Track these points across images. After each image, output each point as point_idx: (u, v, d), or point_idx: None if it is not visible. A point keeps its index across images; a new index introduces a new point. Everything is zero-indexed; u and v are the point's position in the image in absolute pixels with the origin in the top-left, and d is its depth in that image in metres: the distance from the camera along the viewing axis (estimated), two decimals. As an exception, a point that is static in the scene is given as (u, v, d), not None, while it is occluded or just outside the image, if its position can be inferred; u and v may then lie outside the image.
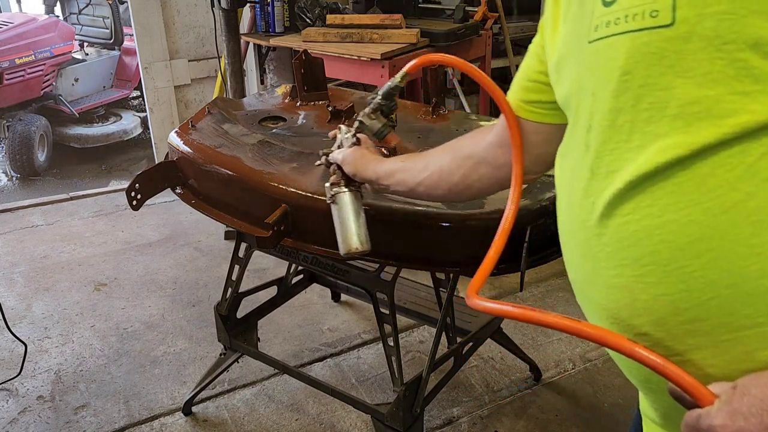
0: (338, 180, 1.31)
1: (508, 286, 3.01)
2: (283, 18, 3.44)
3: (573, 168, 0.79)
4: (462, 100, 3.84)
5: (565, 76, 0.82)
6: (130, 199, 1.81)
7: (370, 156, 1.28)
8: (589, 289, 0.80)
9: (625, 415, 2.28)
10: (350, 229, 1.28)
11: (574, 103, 0.79)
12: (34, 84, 5.40)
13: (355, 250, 1.28)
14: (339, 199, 1.30)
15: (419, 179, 1.15)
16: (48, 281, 3.12)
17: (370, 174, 1.24)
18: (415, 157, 1.21)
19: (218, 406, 2.33)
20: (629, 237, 0.70)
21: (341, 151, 1.31)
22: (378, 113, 1.30)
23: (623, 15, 0.68)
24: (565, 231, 0.84)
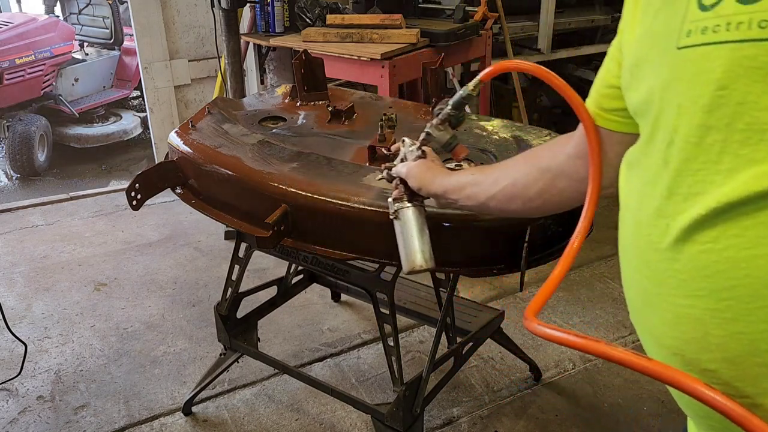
0: (401, 195, 1.27)
1: (508, 286, 3.01)
2: (283, 18, 3.44)
3: (645, 183, 0.73)
4: (462, 100, 3.84)
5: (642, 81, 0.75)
6: (130, 199, 1.81)
7: (436, 169, 1.23)
8: (650, 313, 0.74)
9: (625, 415, 2.28)
10: (414, 246, 1.24)
11: (652, 113, 0.72)
12: (34, 84, 5.40)
13: (419, 267, 1.23)
14: (402, 215, 1.26)
15: (491, 193, 1.08)
16: (48, 281, 3.12)
17: (437, 188, 1.19)
18: (485, 170, 1.15)
19: (218, 406, 2.33)
20: (708, 267, 0.64)
21: (405, 165, 1.27)
22: (446, 124, 1.26)
23: (724, 22, 0.62)
24: (628, 248, 0.77)
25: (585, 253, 3.27)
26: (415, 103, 2.28)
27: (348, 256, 1.61)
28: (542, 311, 2.77)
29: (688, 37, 0.66)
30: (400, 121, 1.98)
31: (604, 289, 3.04)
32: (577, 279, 3.10)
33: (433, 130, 1.27)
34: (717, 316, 0.64)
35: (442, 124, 1.26)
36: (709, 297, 0.65)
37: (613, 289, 3.02)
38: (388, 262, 1.61)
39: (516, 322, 2.79)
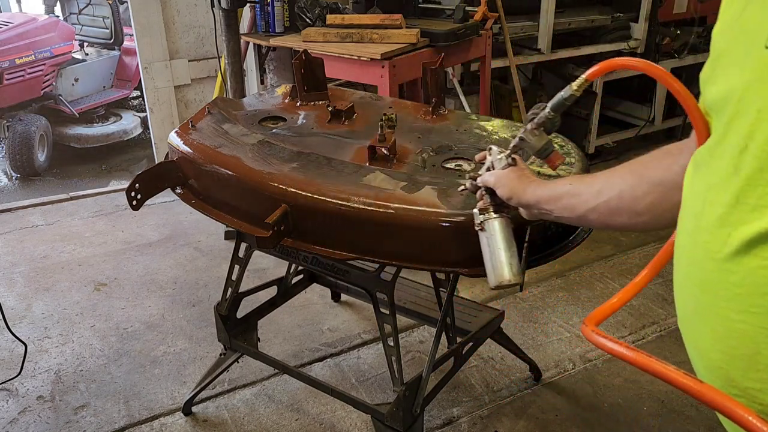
0: (487, 205, 1.23)
1: (508, 286, 3.01)
2: (283, 18, 3.44)
3: (710, 187, 0.69)
4: (462, 100, 3.84)
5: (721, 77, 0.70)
6: (130, 199, 1.81)
7: (528, 178, 1.17)
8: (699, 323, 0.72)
9: (625, 415, 2.28)
10: (502, 260, 1.20)
11: (727, 113, 0.68)
12: (34, 84, 5.40)
13: (507, 282, 1.19)
14: (489, 227, 1.22)
15: (592, 205, 1.01)
16: (48, 281, 3.12)
17: (530, 198, 1.14)
18: (585, 180, 1.07)
19: (218, 406, 2.33)
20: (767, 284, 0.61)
21: (493, 173, 1.22)
22: (541, 130, 1.20)
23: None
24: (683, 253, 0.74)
25: (585, 253, 3.27)
26: (415, 103, 2.28)
27: (348, 256, 1.61)
28: (541, 311, 2.76)
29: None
30: (400, 121, 1.98)
31: (604, 289, 3.04)
32: (577, 279, 3.10)
33: (527, 135, 1.20)
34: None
35: (538, 129, 1.20)
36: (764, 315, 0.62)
37: (613, 289, 3.02)
38: (389, 262, 1.61)
39: (516, 322, 2.79)
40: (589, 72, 1.02)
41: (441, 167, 1.72)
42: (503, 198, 1.20)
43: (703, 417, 2.23)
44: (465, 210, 1.48)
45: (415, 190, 1.56)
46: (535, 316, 2.84)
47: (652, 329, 2.71)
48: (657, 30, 4.39)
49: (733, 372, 0.66)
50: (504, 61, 3.87)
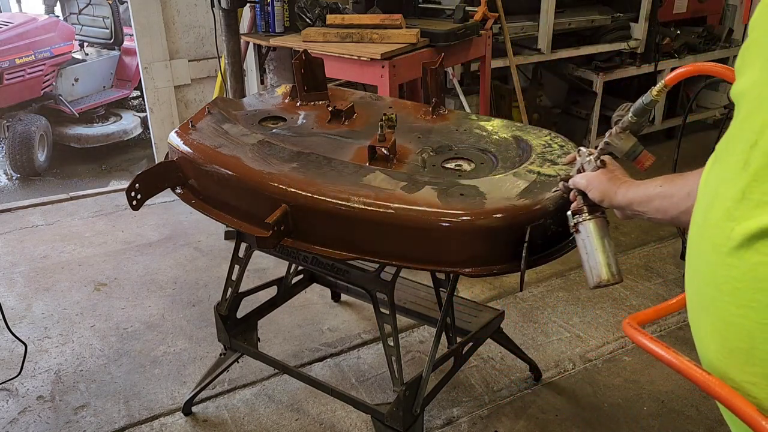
0: (580, 207, 1.24)
1: (508, 286, 3.01)
2: (283, 18, 3.44)
3: (722, 181, 0.69)
4: (462, 100, 3.84)
5: (746, 69, 0.69)
6: (130, 199, 1.81)
7: (619, 179, 1.18)
8: (701, 315, 0.73)
9: (625, 415, 2.28)
10: (599, 260, 1.22)
11: (744, 108, 0.68)
12: (34, 84, 5.40)
13: (606, 282, 1.21)
14: (584, 228, 1.23)
15: (684, 207, 0.99)
16: (48, 281, 3.12)
17: (621, 199, 1.15)
18: (676, 181, 1.06)
19: (218, 406, 2.33)
20: (765, 280, 0.62)
21: (584, 176, 1.24)
22: (627, 132, 1.23)
23: None
24: (693, 246, 0.75)
25: (585, 253, 3.27)
26: (415, 103, 2.28)
27: (348, 256, 1.61)
28: (541, 311, 2.76)
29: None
30: (400, 121, 1.98)
31: (604, 289, 3.03)
32: (577, 279, 3.10)
33: (612, 139, 1.23)
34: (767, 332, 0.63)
35: (623, 132, 1.22)
36: (762, 311, 0.63)
37: (613, 290, 3.02)
38: (389, 262, 1.61)
39: (516, 322, 2.79)
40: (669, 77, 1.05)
41: (441, 167, 1.72)
42: (594, 200, 1.22)
43: (703, 417, 2.23)
44: (465, 210, 1.48)
45: (415, 190, 1.56)
46: (535, 316, 2.84)
47: (652, 329, 2.71)
48: (657, 30, 4.39)
49: (730, 366, 0.67)
50: (504, 61, 3.87)
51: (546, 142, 1.80)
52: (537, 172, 1.62)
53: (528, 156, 1.72)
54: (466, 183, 1.58)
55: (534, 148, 1.76)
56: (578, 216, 1.24)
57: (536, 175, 1.61)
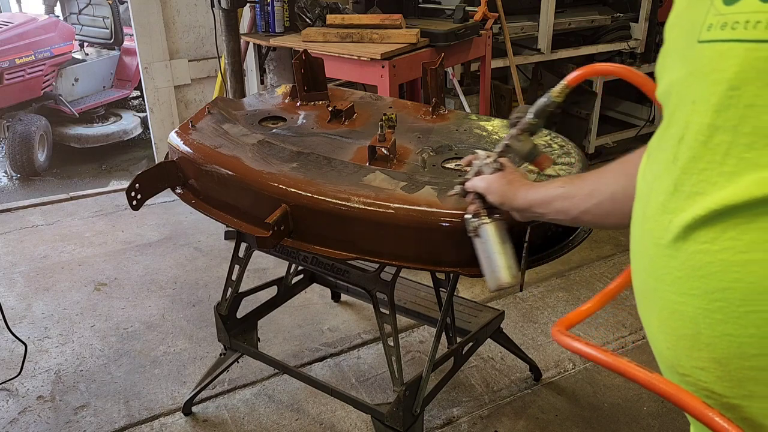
0: (479, 210, 1.23)
1: (508, 286, 3.01)
2: (283, 18, 3.44)
3: (655, 176, 0.72)
4: (462, 100, 3.84)
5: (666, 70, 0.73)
6: (130, 199, 1.81)
7: (518, 182, 1.18)
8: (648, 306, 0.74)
9: (625, 415, 2.28)
10: (498, 263, 1.21)
11: (670, 105, 0.71)
12: (34, 84, 5.40)
13: (506, 285, 1.20)
14: (483, 232, 1.22)
15: (584, 207, 1.02)
16: (48, 281, 3.12)
17: (521, 202, 1.15)
18: (576, 182, 1.08)
19: (218, 406, 2.33)
20: (702, 267, 0.64)
21: (483, 179, 1.23)
22: (526, 134, 1.22)
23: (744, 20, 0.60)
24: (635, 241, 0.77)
25: (585, 253, 3.27)
26: (415, 103, 2.28)
27: (348, 256, 1.61)
28: (541, 311, 2.76)
29: (709, 32, 0.64)
30: (400, 121, 1.98)
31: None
32: (577, 279, 3.10)
33: (512, 141, 1.22)
34: (708, 317, 0.64)
35: (522, 134, 1.21)
36: (702, 297, 0.65)
37: (613, 289, 3.01)
38: (389, 262, 1.61)
39: (516, 322, 2.79)
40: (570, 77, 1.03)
41: (441, 167, 1.72)
42: (494, 203, 1.21)
43: (703, 417, 2.23)
44: (465, 210, 1.48)
45: (415, 190, 1.56)
46: (535, 316, 2.84)
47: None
48: (657, 30, 4.39)
49: (679, 352, 0.69)
50: (504, 61, 3.87)
51: (546, 142, 1.80)
52: (537, 172, 1.62)
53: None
54: (466, 183, 1.58)
55: (534, 148, 1.76)
56: (477, 219, 1.23)
57: (536, 175, 1.61)
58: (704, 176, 0.64)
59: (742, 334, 0.62)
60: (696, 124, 0.65)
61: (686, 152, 0.66)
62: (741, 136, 0.61)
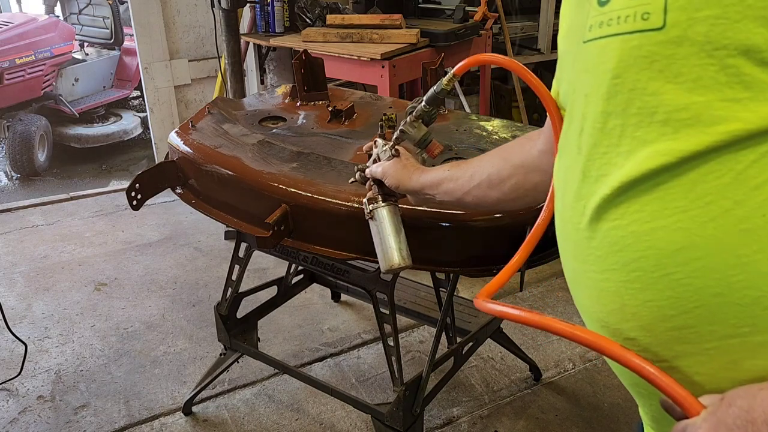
0: (375, 195, 1.28)
1: (508, 285, 3.01)
2: (283, 18, 3.44)
3: (567, 168, 0.78)
4: (462, 100, 3.85)
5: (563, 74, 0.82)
6: (130, 199, 1.81)
7: (412, 166, 1.26)
8: (579, 290, 0.80)
9: (625, 415, 2.28)
10: (391, 245, 1.26)
11: (569, 104, 0.79)
12: (34, 84, 5.40)
13: (397, 266, 1.25)
14: (378, 215, 1.28)
15: (467, 188, 1.12)
16: (48, 281, 3.12)
17: (414, 184, 1.22)
18: (461, 166, 1.17)
19: (218, 406, 2.33)
20: (617, 242, 0.69)
21: (380, 165, 1.29)
22: (420, 121, 1.27)
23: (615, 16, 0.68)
24: (559, 231, 0.83)
25: (585, 253, 3.27)
26: (415, 103, 2.28)
27: (348, 256, 1.61)
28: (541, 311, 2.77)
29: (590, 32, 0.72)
30: (400, 120, 1.97)
31: (604, 289, 3.04)
32: (577, 279, 3.10)
33: (407, 127, 1.27)
34: (629, 287, 0.69)
35: (416, 121, 1.27)
36: (621, 270, 0.70)
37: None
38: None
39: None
40: (457, 67, 1.10)
41: (441, 167, 1.72)
42: (391, 187, 1.27)
43: (703, 417, 2.23)
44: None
45: (415, 190, 1.56)
46: (535, 316, 2.84)
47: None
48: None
49: (613, 326, 0.73)
50: (504, 61, 3.86)
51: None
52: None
53: None
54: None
55: (534, 148, 1.76)
56: (373, 203, 1.28)
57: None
58: (606, 159, 0.70)
59: (660, 298, 0.67)
60: (591, 113, 0.72)
61: (587, 140, 0.72)
62: (630, 117, 0.67)
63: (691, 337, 0.66)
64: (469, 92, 3.95)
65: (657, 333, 0.69)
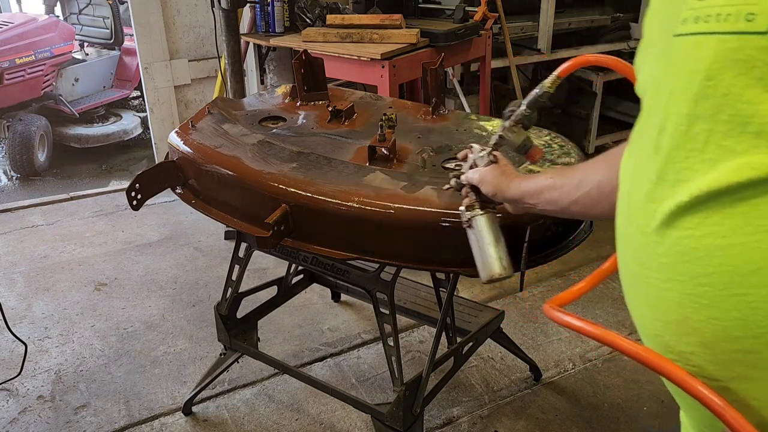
0: (473, 202, 1.25)
1: (508, 285, 3.01)
2: (283, 18, 3.44)
3: (638, 166, 0.74)
4: (462, 100, 3.84)
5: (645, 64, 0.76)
6: (130, 199, 1.82)
7: (511, 173, 1.21)
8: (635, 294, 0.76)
9: (625, 415, 2.28)
10: (491, 255, 1.22)
11: (649, 97, 0.74)
12: (34, 84, 5.40)
13: (498, 276, 1.22)
14: (476, 223, 1.24)
15: (574, 197, 1.05)
16: (48, 281, 3.12)
17: (514, 193, 1.17)
18: (565, 173, 1.11)
19: (218, 406, 2.33)
20: (687, 253, 0.65)
21: (476, 171, 1.25)
22: (519, 126, 1.23)
23: (715, 13, 0.62)
24: (620, 231, 0.79)
25: (585, 253, 3.27)
26: (415, 103, 2.28)
27: (348, 256, 1.61)
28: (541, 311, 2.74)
29: (683, 25, 0.67)
30: (400, 121, 1.98)
31: (604, 289, 3.04)
32: (577, 279, 3.10)
33: (506, 132, 1.23)
34: (694, 301, 0.66)
35: (516, 126, 1.23)
36: (687, 282, 0.66)
37: (613, 289, 3.02)
38: (389, 262, 1.61)
39: (516, 322, 2.79)
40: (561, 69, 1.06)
41: (441, 167, 1.72)
42: (488, 195, 1.23)
43: (703, 417, 2.23)
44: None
45: (415, 189, 1.56)
46: (535, 316, 2.85)
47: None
48: (657, 30, 4.38)
49: (668, 337, 0.70)
50: (504, 61, 3.87)
51: (546, 142, 1.80)
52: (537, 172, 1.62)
53: None
54: (466, 183, 1.58)
55: (534, 148, 1.76)
56: (470, 211, 1.25)
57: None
58: (687, 164, 0.66)
59: (727, 318, 0.63)
60: (675, 113, 0.67)
61: (668, 141, 0.68)
62: (719, 124, 0.62)
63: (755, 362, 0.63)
64: (469, 92, 3.94)
65: (717, 352, 0.66)
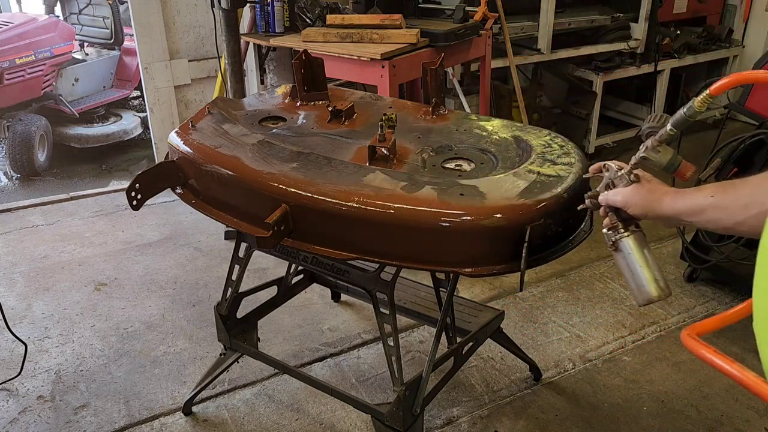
0: (615, 223, 1.22)
1: (508, 286, 3.01)
2: (283, 18, 3.44)
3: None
4: (462, 100, 3.84)
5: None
6: (130, 199, 1.81)
7: (659, 191, 1.15)
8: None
9: (625, 415, 2.28)
10: (644, 277, 1.18)
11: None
12: (34, 84, 5.40)
13: (656, 299, 1.18)
14: (623, 246, 1.20)
15: (740, 219, 0.98)
16: (48, 281, 3.12)
17: (668, 211, 1.12)
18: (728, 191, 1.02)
19: (218, 406, 2.33)
20: None
21: (619, 192, 1.21)
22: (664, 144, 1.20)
23: None
24: None
25: (585, 253, 3.27)
26: (415, 103, 2.28)
27: (348, 256, 1.61)
28: (541, 311, 2.75)
29: None
30: (400, 121, 1.98)
31: (604, 289, 3.04)
32: (577, 279, 3.10)
33: (649, 153, 1.21)
34: None
35: (660, 145, 1.20)
36: None
37: (613, 290, 3.02)
38: (389, 262, 1.61)
39: (516, 322, 2.79)
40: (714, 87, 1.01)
41: (441, 167, 1.72)
42: (637, 216, 1.19)
43: (703, 417, 2.23)
44: (465, 210, 1.48)
45: (415, 190, 1.56)
46: (535, 316, 2.85)
47: (652, 329, 2.71)
48: (657, 30, 4.38)
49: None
50: (504, 61, 3.87)
51: (546, 142, 1.80)
52: (537, 172, 1.62)
53: (528, 156, 1.72)
54: (466, 183, 1.58)
55: (534, 148, 1.76)
56: (614, 233, 1.21)
57: (536, 175, 1.61)
58: None
59: None
60: None
61: None
62: None
63: None
64: (469, 92, 3.94)
65: None
